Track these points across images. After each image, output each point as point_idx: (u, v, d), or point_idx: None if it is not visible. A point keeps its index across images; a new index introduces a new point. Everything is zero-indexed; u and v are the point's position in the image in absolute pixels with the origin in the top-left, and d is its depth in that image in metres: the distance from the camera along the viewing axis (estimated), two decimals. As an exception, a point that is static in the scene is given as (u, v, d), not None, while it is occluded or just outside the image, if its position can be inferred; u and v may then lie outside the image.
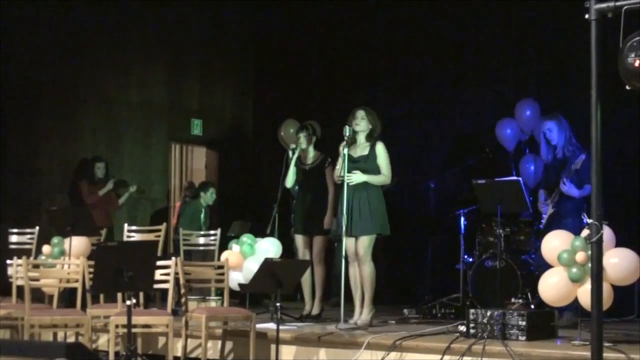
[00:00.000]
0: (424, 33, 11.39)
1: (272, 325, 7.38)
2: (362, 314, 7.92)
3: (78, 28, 11.06)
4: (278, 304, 6.70)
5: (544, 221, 8.22)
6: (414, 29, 11.48)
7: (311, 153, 8.79)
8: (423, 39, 11.41)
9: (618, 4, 4.89)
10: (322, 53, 12.28)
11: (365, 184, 7.87)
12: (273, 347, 7.01)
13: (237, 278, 8.31)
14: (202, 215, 11.28)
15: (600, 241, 5.07)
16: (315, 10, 12.19)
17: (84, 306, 7.68)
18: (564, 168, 8.07)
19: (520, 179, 8.57)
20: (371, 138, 7.96)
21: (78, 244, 8.56)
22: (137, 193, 11.12)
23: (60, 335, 8.11)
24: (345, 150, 7.85)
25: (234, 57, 13.02)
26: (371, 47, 11.88)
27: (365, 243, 7.85)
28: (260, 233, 8.82)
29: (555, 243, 6.70)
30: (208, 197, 11.34)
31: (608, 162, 6.28)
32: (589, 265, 5.81)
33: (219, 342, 7.70)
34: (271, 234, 8.74)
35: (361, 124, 7.96)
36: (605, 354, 5.23)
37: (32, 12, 10.55)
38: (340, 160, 7.92)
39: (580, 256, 6.42)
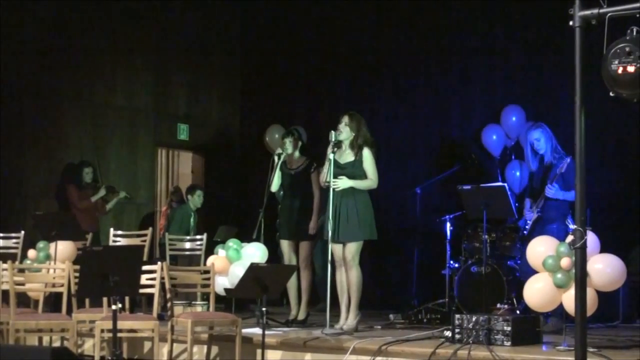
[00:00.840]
0: (410, 39, 11.42)
1: (258, 330, 7.39)
2: (348, 319, 7.93)
3: (64, 32, 11.03)
4: (264, 309, 6.70)
5: (528, 227, 8.26)
6: (399, 35, 11.51)
7: (297, 158, 8.80)
8: (409, 45, 11.44)
9: (602, 11, 4.92)
10: (308, 58, 12.29)
11: (353, 190, 7.88)
12: (259, 352, 7.01)
13: (223, 283, 8.30)
14: (192, 220, 11.27)
15: (584, 247, 5.10)
16: (301, 15, 12.21)
17: (69, 311, 7.66)
18: (549, 173, 8.11)
19: (505, 184, 8.61)
20: (356, 147, 7.95)
21: (63, 248, 8.56)
22: (125, 199, 11.11)
23: (46, 340, 8.09)
24: (332, 155, 7.86)
25: (220, 61, 13.02)
26: (357, 53, 11.90)
27: (352, 249, 7.88)
28: (246, 238, 8.81)
29: (540, 249, 6.73)
30: (196, 200, 11.33)
31: (593, 168, 6.34)
32: (574, 271, 5.85)
33: (205, 347, 7.69)
34: (257, 239, 8.74)
35: (344, 130, 7.97)
36: (589, 359, 5.26)
37: (17, 16, 10.52)
38: (326, 164, 7.93)
39: (565, 262, 6.46)
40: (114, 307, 6.26)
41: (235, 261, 8.39)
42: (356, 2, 11.74)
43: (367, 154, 7.94)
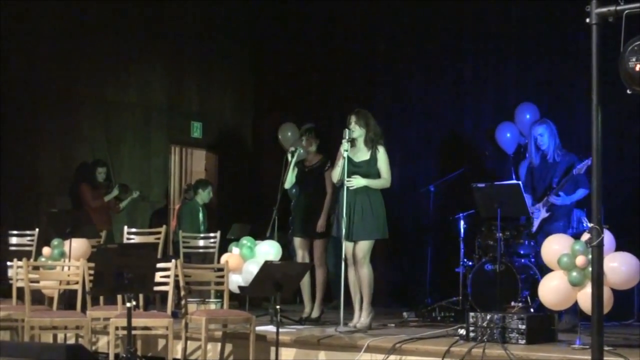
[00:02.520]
0: (424, 36, 11.40)
1: (271, 328, 7.39)
2: (362, 317, 7.92)
3: (76, 30, 11.05)
4: (278, 307, 6.70)
5: (536, 224, 8.28)
6: (412, 32, 11.49)
7: (313, 155, 8.80)
8: (422, 42, 11.42)
9: (619, 8, 4.89)
10: (320, 56, 12.29)
11: (366, 188, 7.88)
12: (273, 349, 7.00)
13: (236, 281, 8.31)
14: (201, 215, 11.29)
15: (601, 245, 5.08)
16: (313, 12, 12.20)
17: (83, 308, 7.69)
18: (555, 172, 8.16)
19: (519, 182, 8.58)
20: (370, 142, 7.96)
21: (78, 246, 8.57)
22: (140, 199, 11.15)
23: (60, 337, 8.12)
24: (346, 154, 7.86)
25: (234, 59, 13.03)
26: (370, 50, 11.89)
27: (364, 247, 7.87)
28: (260, 236, 8.81)
29: (555, 247, 6.71)
30: (205, 195, 11.35)
31: (607, 166, 6.29)
32: (589, 269, 5.83)
33: (219, 345, 7.71)
34: (271, 237, 8.74)
35: (355, 129, 7.97)
36: (605, 358, 5.24)
37: (30, 13, 10.55)
38: (340, 161, 7.93)
39: (580, 260, 6.44)
40: (128, 304, 6.28)
41: (249, 259, 8.39)
42: (369, 0, 11.72)
43: (382, 152, 7.93)
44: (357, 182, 7.85)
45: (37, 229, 9.22)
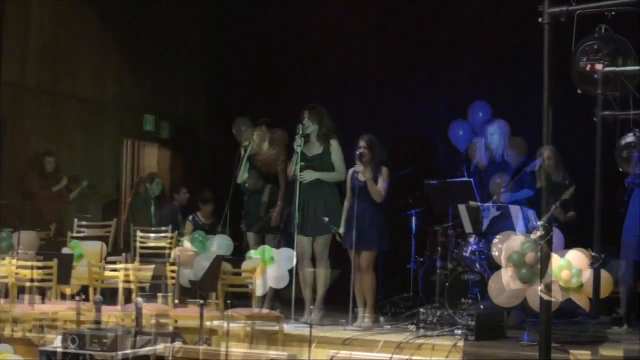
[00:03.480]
0: (377, 34, 11.43)
1: (223, 323, 7.36)
2: (313, 313, 7.93)
3: (29, 21, 10.91)
4: (229, 302, 6.68)
5: (486, 223, 8.36)
6: (366, 30, 11.51)
7: (265, 150, 8.79)
8: (376, 39, 11.45)
9: (571, 8, 4.95)
10: (275, 51, 12.26)
11: (319, 183, 7.89)
12: (223, 344, 6.99)
13: (188, 275, 8.26)
14: (152, 208, 11.23)
15: (550, 242, 5.14)
16: (269, 9, 12.17)
17: (32, 302, 7.58)
18: (505, 171, 8.26)
19: (471, 180, 8.66)
20: (323, 137, 7.98)
21: (27, 238, 8.46)
22: (88, 189, 11.04)
23: (8, 332, 7.99)
24: (299, 149, 7.87)
25: (188, 53, 12.95)
26: (325, 46, 11.89)
27: (322, 243, 7.90)
28: (212, 230, 8.77)
29: (505, 244, 6.76)
30: (154, 189, 11.31)
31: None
32: (539, 266, 5.89)
33: (169, 338, 7.64)
34: (223, 232, 8.71)
35: (309, 125, 8.00)
36: (553, 355, 5.31)
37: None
38: (294, 157, 7.94)
39: (529, 257, 6.48)
40: (77, 298, 6.21)
41: (201, 253, 8.35)
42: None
43: (335, 146, 7.96)
44: (310, 175, 7.87)
45: (-15, 222, 9.10)
